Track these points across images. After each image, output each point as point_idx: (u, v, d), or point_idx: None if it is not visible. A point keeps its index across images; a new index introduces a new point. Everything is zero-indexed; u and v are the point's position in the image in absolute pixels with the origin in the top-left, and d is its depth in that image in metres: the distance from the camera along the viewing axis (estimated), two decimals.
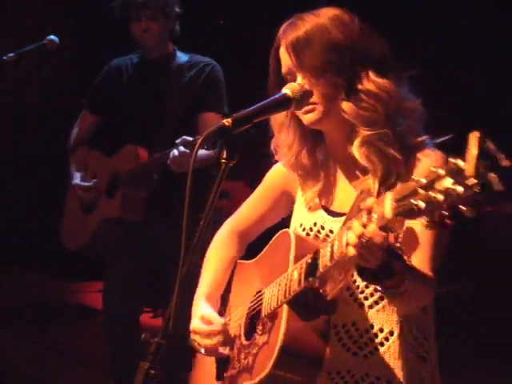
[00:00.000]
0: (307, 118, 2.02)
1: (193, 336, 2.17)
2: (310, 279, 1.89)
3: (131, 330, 3.95)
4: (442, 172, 1.55)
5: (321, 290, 1.91)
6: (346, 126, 1.99)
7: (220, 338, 2.13)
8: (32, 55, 3.60)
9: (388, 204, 1.63)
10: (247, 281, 2.23)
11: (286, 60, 2.02)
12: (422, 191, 1.57)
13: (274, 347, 1.91)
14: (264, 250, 2.21)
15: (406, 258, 1.81)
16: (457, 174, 1.53)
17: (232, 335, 2.16)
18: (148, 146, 3.96)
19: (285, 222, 2.24)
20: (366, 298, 2.02)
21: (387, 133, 1.93)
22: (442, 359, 2.11)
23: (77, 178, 4.11)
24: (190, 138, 3.59)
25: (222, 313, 2.25)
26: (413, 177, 1.59)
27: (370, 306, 2.01)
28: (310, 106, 1.99)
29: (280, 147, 2.14)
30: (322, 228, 2.08)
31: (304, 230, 2.11)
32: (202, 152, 3.40)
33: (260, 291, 2.12)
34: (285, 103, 1.97)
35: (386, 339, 2.01)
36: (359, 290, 2.02)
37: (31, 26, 6.77)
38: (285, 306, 1.95)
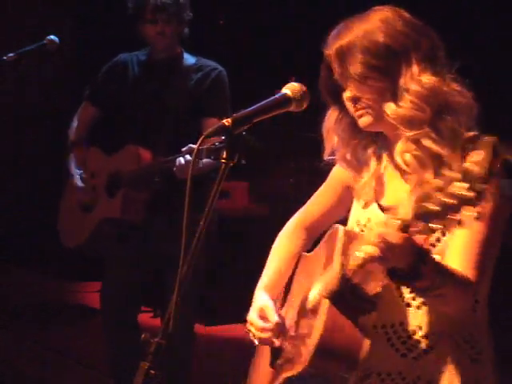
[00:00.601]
0: (361, 123, 2.03)
1: (248, 326, 2.20)
2: (345, 272, 1.89)
3: (131, 330, 3.96)
4: (457, 175, 1.58)
5: (360, 287, 1.90)
6: (397, 126, 1.98)
7: (272, 333, 2.15)
8: (32, 55, 3.60)
9: (409, 205, 1.65)
10: (306, 272, 2.23)
11: (334, 67, 2.03)
12: (439, 194, 1.59)
13: (312, 343, 1.91)
14: (320, 243, 2.21)
15: (437, 260, 1.80)
16: (470, 178, 1.57)
17: (287, 326, 2.18)
18: (148, 146, 3.95)
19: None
20: (413, 299, 2.00)
21: (431, 131, 1.91)
22: None
23: (77, 179, 4.09)
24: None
25: (282, 303, 2.29)
26: (432, 179, 1.61)
27: (418, 307, 1.99)
28: (361, 111, 2.01)
29: (336, 146, 2.13)
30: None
31: (359, 225, 2.11)
32: (206, 161, 3.47)
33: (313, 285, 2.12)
34: (285, 103, 1.97)
35: (435, 342, 1.98)
36: (407, 290, 1.99)
37: (31, 25, 6.78)
38: (326, 302, 1.93)
